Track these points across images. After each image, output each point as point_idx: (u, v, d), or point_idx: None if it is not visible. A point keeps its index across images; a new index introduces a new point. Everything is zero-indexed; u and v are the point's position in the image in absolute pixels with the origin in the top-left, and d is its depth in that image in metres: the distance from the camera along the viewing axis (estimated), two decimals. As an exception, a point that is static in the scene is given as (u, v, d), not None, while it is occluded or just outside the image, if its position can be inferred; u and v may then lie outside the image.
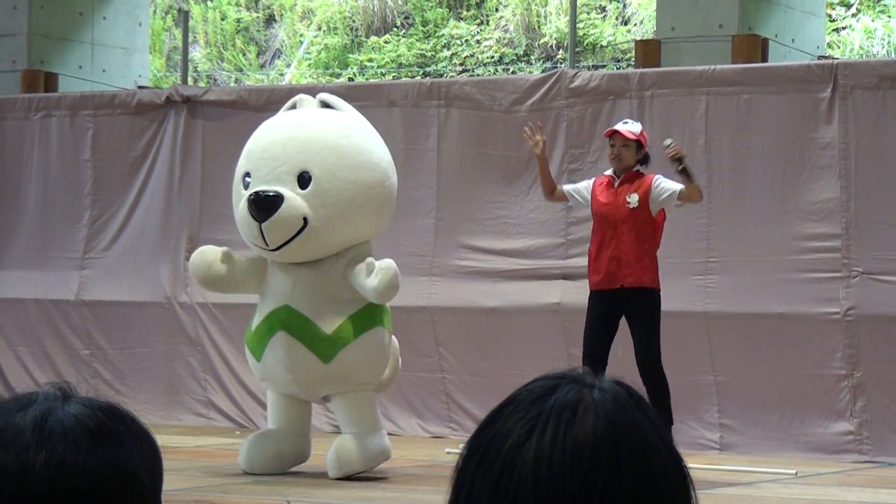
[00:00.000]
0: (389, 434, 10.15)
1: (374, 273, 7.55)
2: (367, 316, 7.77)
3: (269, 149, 7.79)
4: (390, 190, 7.97)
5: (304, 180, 7.68)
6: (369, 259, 7.63)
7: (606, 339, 8.04)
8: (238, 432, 10.26)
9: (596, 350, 7.98)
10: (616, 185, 8.11)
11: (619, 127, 8.17)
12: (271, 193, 7.61)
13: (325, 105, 8.02)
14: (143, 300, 10.92)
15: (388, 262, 7.58)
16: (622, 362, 8.36)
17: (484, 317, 9.96)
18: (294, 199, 7.62)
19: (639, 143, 8.11)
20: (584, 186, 8.31)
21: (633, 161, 8.11)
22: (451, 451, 8.99)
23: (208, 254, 7.94)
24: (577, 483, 1.21)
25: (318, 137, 7.76)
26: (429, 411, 10.11)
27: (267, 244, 7.67)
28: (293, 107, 8.07)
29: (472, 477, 1.25)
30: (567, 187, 8.44)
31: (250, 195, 7.65)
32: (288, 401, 7.95)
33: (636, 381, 7.84)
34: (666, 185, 8.08)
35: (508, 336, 9.88)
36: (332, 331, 7.68)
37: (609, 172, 8.24)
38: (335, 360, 7.67)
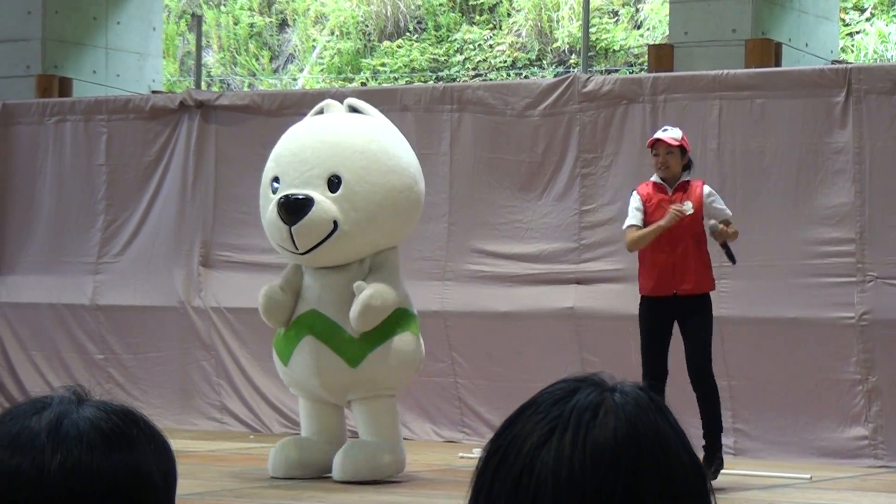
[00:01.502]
0: (403, 438, 10.16)
1: (355, 302, 7.54)
2: (394, 321, 7.77)
3: (299, 153, 7.80)
4: (418, 195, 7.99)
5: (333, 184, 7.69)
6: (358, 282, 7.61)
7: (664, 348, 7.94)
8: (252, 437, 10.26)
9: (657, 360, 7.88)
10: (670, 193, 7.95)
11: (661, 135, 8.03)
12: (301, 196, 7.62)
13: (353, 110, 8.03)
14: (156, 304, 10.93)
15: (365, 294, 7.52)
16: (636, 368, 8.35)
17: (497, 321, 9.96)
18: (324, 202, 7.62)
19: (682, 149, 7.99)
20: (638, 207, 8.02)
21: (679, 167, 7.98)
22: (464, 456, 8.98)
23: (275, 296, 7.79)
24: (597, 485, 1.20)
25: (347, 141, 7.78)
26: (442, 416, 10.11)
27: (297, 248, 7.67)
28: (321, 112, 8.09)
29: (492, 478, 1.24)
30: (633, 217, 8.02)
31: (280, 198, 7.65)
32: (319, 408, 7.94)
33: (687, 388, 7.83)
34: (717, 203, 8.00)
35: (521, 341, 9.87)
36: (358, 335, 7.67)
37: (655, 179, 8.03)
38: (362, 364, 7.68)
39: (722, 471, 7.91)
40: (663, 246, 7.89)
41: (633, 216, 7.98)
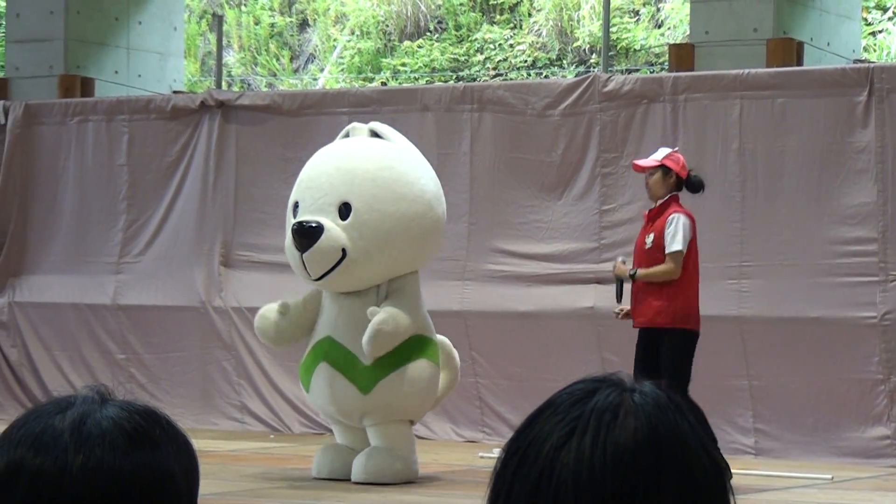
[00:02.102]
0: (423, 438, 10.16)
1: (368, 327, 7.53)
2: (410, 348, 7.75)
3: (315, 179, 7.84)
4: (434, 220, 7.93)
5: (343, 211, 7.70)
6: (371, 308, 7.61)
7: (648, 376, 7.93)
8: (272, 437, 10.28)
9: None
10: (645, 223, 7.88)
11: (640, 161, 7.97)
12: (312, 224, 7.66)
13: (375, 134, 8.01)
14: (177, 304, 10.96)
15: (378, 319, 7.51)
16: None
17: (517, 321, 9.95)
18: (334, 229, 7.65)
19: (665, 169, 7.73)
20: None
21: (662, 190, 7.73)
22: (484, 456, 8.98)
23: (268, 315, 7.90)
24: (618, 486, 1.20)
25: (359, 168, 7.79)
26: (462, 416, 10.11)
27: (309, 274, 7.70)
28: (347, 135, 8.11)
29: (512, 479, 1.24)
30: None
31: (293, 225, 7.73)
32: (346, 428, 7.98)
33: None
34: (672, 234, 7.66)
35: (541, 340, 9.87)
36: (370, 362, 7.68)
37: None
38: (374, 390, 7.68)
39: (742, 471, 7.89)
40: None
41: None
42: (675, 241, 7.65)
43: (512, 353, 9.96)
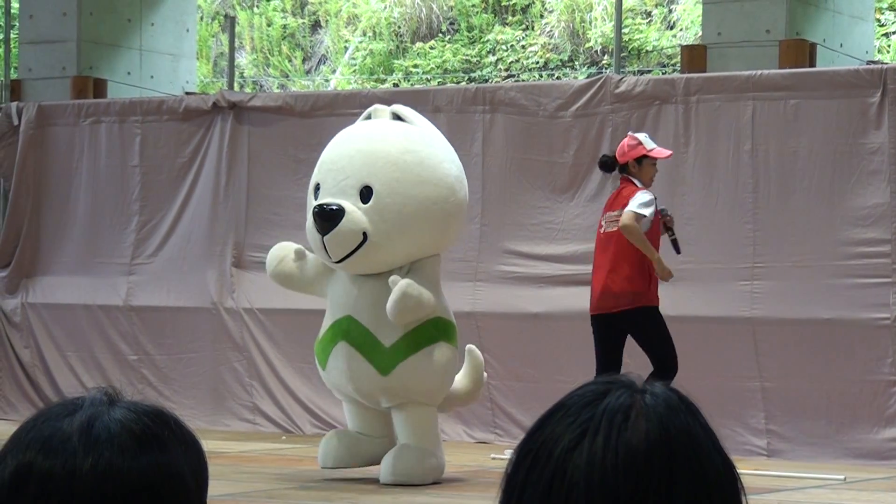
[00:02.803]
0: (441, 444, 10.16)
1: (392, 292, 7.54)
2: (430, 331, 7.74)
3: (337, 161, 7.83)
4: (456, 205, 7.91)
5: (365, 194, 7.69)
6: (393, 276, 7.61)
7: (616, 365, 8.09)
8: (284, 438, 10.29)
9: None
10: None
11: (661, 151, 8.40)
12: (333, 206, 7.65)
13: (397, 117, 8.00)
14: (189, 306, 10.97)
15: (403, 282, 7.53)
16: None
17: (528, 322, 9.94)
18: (355, 212, 7.64)
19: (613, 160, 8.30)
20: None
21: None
22: (496, 457, 8.97)
23: (282, 248, 8.11)
24: (631, 488, 1.20)
25: (381, 151, 7.76)
26: (474, 417, 10.10)
27: (330, 257, 7.71)
28: (369, 117, 8.09)
29: (523, 482, 1.24)
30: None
31: (314, 208, 7.72)
32: (362, 408, 7.97)
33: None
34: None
35: (553, 342, 9.86)
36: (390, 344, 7.68)
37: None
38: (393, 372, 7.67)
39: (754, 472, 7.88)
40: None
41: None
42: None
43: (524, 355, 9.95)
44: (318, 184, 7.86)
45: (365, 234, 7.63)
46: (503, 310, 10.01)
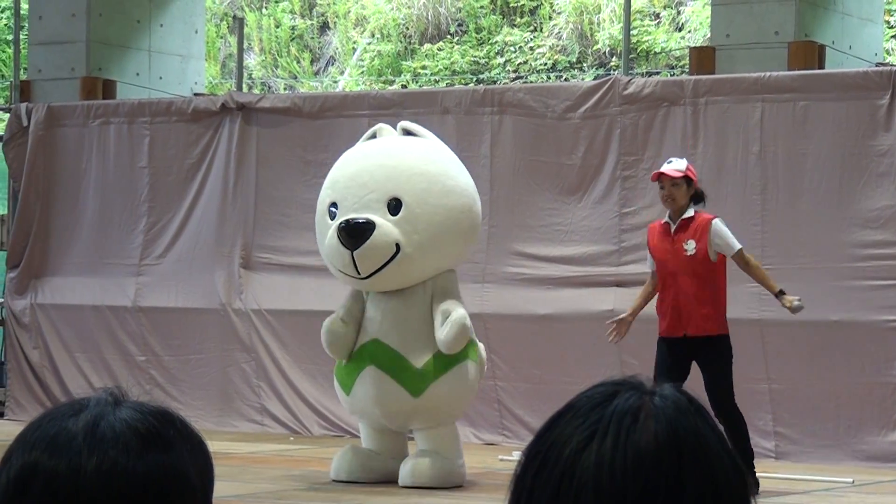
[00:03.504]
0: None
1: (445, 323, 7.52)
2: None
3: (356, 178, 7.75)
4: (477, 215, 7.95)
5: (394, 207, 7.64)
6: (444, 306, 7.58)
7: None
8: (292, 439, 10.29)
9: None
10: (672, 231, 7.86)
11: (665, 168, 7.94)
12: (362, 220, 7.56)
13: (407, 133, 7.99)
14: (197, 307, 10.98)
15: (459, 315, 7.52)
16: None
17: (536, 324, 9.94)
18: (385, 225, 7.59)
19: (688, 179, 7.85)
20: (646, 240, 8.12)
21: (685, 200, 7.84)
22: (504, 459, 8.97)
23: (336, 329, 7.76)
24: (639, 489, 1.20)
25: (405, 164, 7.74)
26: (481, 419, 10.10)
27: (359, 272, 7.61)
28: (373, 136, 8.05)
29: (532, 483, 1.24)
30: (649, 261, 8.11)
31: (340, 223, 7.59)
32: (380, 432, 7.92)
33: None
34: (725, 238, 7.82)
35: (561, 343, 9.85)
36: (421, 365, 7.65)
37: (666, 219, 7.98)
38: (425, 394, 7.64)
39: (762, 475, 7.86)
40: (668, 288, 7.82)
41: (649, 261, 8.07)
42: (734, 241, 7.89)
43: (531, 356, 9.95)
44: (335, 202, 7.76)
45: (398, 246, 7.59)
46: (511, 311, 10.01)
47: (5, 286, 11.73)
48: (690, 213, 7.85)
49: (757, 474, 7.74)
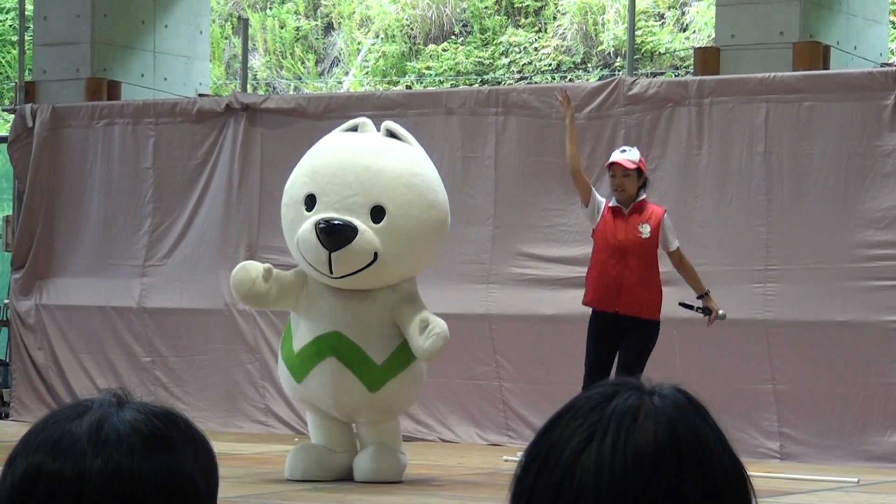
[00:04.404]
0: (447, 442, 10.16)
1: (427, 334, 7.58)
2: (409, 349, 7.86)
3: (340, 175, 7.74)
4: (447, 227, 8.10)
5: (377, 214, 7.68)
6: (423, 315, 7.64)
7: (610, 359, 8.02)
8: (297, 439, 10.29)
9: (602, 368, 8.00)
10: (626, 213, 8.05)
11: (617, 157, 8.12)
12: (343, 223, 7.59)
13: (391, 134, 7.99)
14: (202, 307, 10.99)
15: (442, 327, 7.59)
16: (678, 371, 8.31)
17: (541, 324, 9.94)
18: (367, 232, 7.63)
19: (639, 171, 8.07)
20: (600, 202, 8.18)
21: (635, 189, 8.06)
22: (508, 459, 8.97)
23: (251, 270, 7.90)
24: (640, 489, 1.20)
25: (393, 172, 7.76)
26: (486, 419, 10.10)
27: (332, 272, 7.66)
28: (353, 128, 8.04)
29: (532, 484, 1.24)
30: (594, 191, 8.26)
31: (320, 222, 7.60)
32: (328, 422, 7.99)
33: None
34: (671, 234, 8.11)
35: (566, 344, 9.85)
36: (382, 361, 7.74)
37: (612, 203, 8.12)
38: (382, 389, 7.75)
39: (767, 475, 7.85)
40: (612, 266, 7.98)
41: (595, 192, 8.24)
42: (676, 239, 8.19)
43: (536, 357, 9.95)
44: (313, 194, 7.76)
45: (376, 255, 7.63)
46: (516, 312, 10.00)
47: (10, 287, 11.74)
48: (642, 197, 8.08)
49: (759, 474, 7.75)
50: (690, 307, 8.20)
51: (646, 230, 8.00)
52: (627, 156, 8.10)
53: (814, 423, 9.22)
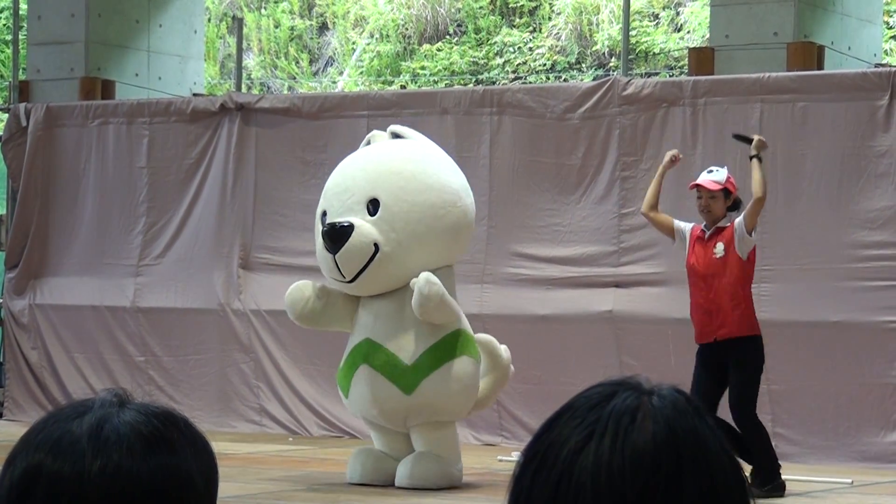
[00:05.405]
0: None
1: (417, 284, 7.53)
2: (450, 345, 7.71)
3: (341, 183, 7.87)
4: (464, 211, 7.91)
5: (372, 207, 7.71)
6: (413, 280, 7.60)
7: (714, 392, 7.71)
8: (291, 439, 10.29)
9: (705, 402, 7.79)
10: (706, 238, 7.83)
11: (702, 179, 7.89)
12: (341, 224, 7.66)
13: (396, 136, 8.03)
14: (196, 307, 10.98)
15: (420, 278, 7.50)
16: (673, 371, 8.29)
17: (535, 324, 9.94)
18: (363, 226, 7.64)
19: (726, 191, 7.83)
20: (687, 230, 7.97)
21: (722, 211, 7.83)
22: (503, 459, 8.97)
23: (305, 289, 7.85)
24: (638, 489, 1.20)
25: (384, 165, 7.82)
26: (480, 419, 10.10)
27: (343, 276, 7.66)
28: (368, 143, 8.14)
29: (530, 484, 1.24)
30: (676, 222, 8.03)
31: (324, 228, 7.73)
32: (386, 433, 7.91)
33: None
34: (742, 237, 7.77)
35: (560, 344, 9.86)
36: (412, 362, 7.64)
37: (703, 227, 7.92)
38: (417, 390, 7.62)
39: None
40: (700, 294, 7.79)
41: (680, 221, 7.98)
42: (750, 237, 7.80)
43: (530, 357, 9.95)
44: (325, 210, 7.89)
45: (376, 246, 7.62)
46: (510, 312, 10.01)
47: (4, 286, 11.73)
48: (726, 223, 7.84)
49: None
50: (742, 138, 8.06)
51: (720, 249, 7.73)
52: (713, 177, 7.85)
53: (808, 423, 9.24)
